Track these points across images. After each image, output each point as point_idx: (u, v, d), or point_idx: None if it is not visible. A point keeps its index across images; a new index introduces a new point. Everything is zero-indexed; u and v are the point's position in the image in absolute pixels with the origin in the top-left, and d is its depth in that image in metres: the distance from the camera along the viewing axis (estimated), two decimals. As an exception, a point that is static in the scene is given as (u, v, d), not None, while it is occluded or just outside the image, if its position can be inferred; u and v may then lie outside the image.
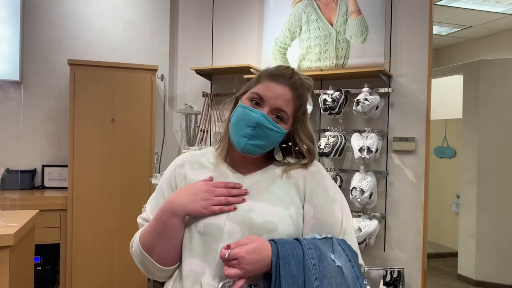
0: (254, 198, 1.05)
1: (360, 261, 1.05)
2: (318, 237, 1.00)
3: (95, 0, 3.61)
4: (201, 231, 1.01)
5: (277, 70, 1.07)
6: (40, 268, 3.14)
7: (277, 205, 1.03)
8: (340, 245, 1.00)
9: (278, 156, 1.12)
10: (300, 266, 0.92)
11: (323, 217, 1.04)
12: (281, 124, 1.06)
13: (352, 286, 0.94)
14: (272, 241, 0.96)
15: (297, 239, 0.98)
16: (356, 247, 1.05)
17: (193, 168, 1.13)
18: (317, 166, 1.12)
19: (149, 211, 1.13)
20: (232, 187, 1.04)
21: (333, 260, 0.95)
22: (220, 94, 3.43)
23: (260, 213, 1.01)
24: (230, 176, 1.10)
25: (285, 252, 0.93)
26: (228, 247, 0.93)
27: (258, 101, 1.05)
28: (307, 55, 3.08)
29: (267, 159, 1.14)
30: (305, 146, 1.10)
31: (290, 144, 1.12)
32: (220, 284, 0.95)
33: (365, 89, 2.78)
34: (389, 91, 2.85)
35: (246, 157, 1.09)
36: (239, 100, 1.09)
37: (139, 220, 1.15)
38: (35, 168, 3.48)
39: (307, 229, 1.03)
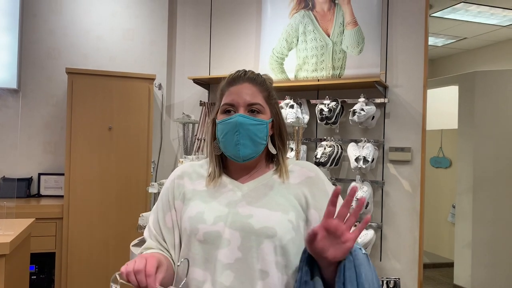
0: (253, 204, 1.06)
1: None
2: None
3: (94, 9, 3.64)
4: (201, 240, 1.03)
5: (231, 77, 1.13)
6: (35, 277, 3.11)
7: (276, 211, 1.04)
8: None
9: (272, 149, 1.13)
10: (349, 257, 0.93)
11: None
12: (260, 115, 1.09)
13: (374, 274, 0.96)
14: None
15: None
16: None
17: (191, 178, 1.15)
18: (315, 171, 1.13)
19: (151, 225, 1.16)
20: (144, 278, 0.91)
21: (360, 249, 0.96)
22: (217, 103, 3.44)
23: (259, 218, 1.02)
24: (228, 184, 1.11)
25: None
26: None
27: (230, 109, 1.09)
28: (304, 65, 3.11)
29: (265, 166, 1.15)
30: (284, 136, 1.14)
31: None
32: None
33: (361, 99, 2.81)
34: (385, 101, 2.87)
35: (243, 167, 1.11)
36: (215, 122, 1.13)
37: (144, 233, 1.17)
38: (31, 176, 3.47)
39: None
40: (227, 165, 1.15)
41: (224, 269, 0.99)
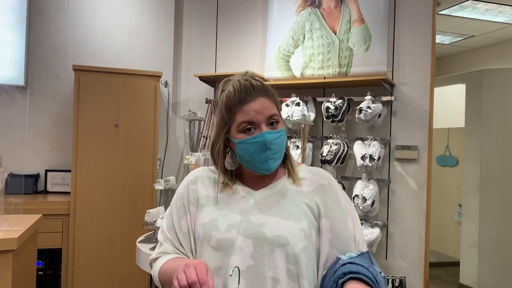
0: (265, 212, 1.06)
1: None
2: (354, 255, 1.02)
3: (101, 6, 3.65)
4: (214, 246, 1.04)
5: (240, 94, 1.07)
6: (41, 272, 3.14)
7: (288, 219, 1.04)
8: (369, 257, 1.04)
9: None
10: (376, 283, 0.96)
11: (339, 230, 1.05)
12: (279, 125, 1.09)
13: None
14: (356, 273, 0.95)
15: (351, 263, 0.98)
16: None
17: (204, 184, 1.15)
18: (328, 179, 1.12)
19: (165, 229, 1.16)
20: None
21: (380, 272, 0.98)
22: (223, 101, 3.45)
23: (272, 227, 1.02)
24: (240, 191, 1.11)
25: (370, 272, 0.96)
26: None
27: (250, 127, 1.06)
28: (310, 63, 3.10)
29: (276, 173, 1.14)
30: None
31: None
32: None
33: (368, 97, 2.80)
34: (392, 99, 2.86)
35: (257, 175, 1.11)
36: (229, 139, 1.10)
37: (158, 237, 1.18)
38: (38, 173, 3.49)
39: (325, 243, 1.04)
40: (240, 173, 1.15)
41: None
